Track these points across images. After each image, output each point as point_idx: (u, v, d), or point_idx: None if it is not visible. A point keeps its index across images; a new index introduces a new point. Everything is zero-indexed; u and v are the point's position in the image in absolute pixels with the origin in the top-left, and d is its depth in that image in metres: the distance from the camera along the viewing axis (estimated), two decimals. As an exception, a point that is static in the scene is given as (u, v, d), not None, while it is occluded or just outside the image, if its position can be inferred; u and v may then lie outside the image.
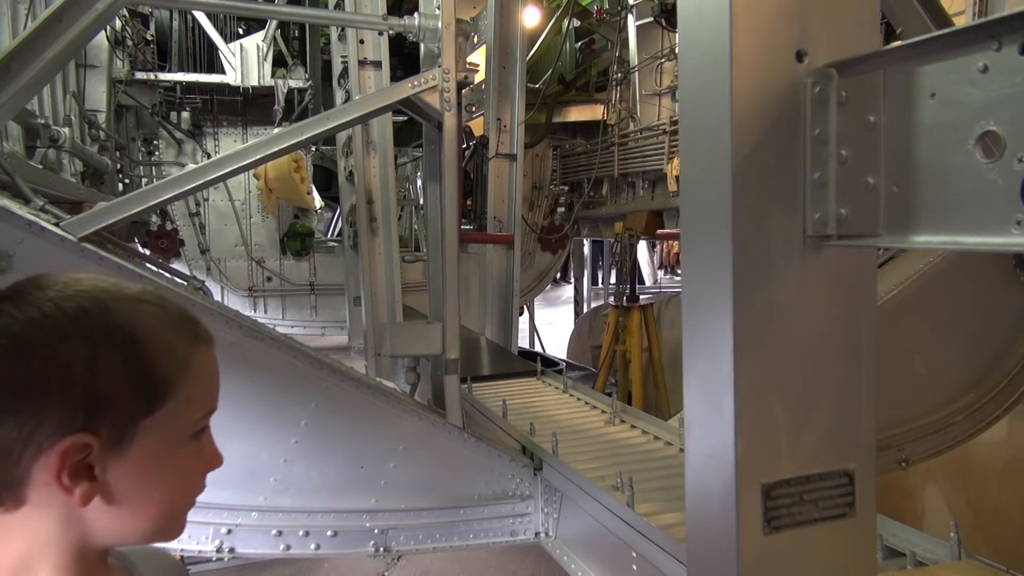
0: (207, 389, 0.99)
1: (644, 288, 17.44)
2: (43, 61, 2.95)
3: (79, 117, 7.13)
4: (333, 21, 6.38)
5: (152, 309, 0.94)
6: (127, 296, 0.93)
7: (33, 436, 0.85)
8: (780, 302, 1.44)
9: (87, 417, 0.86)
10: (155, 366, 0.91)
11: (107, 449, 0.89)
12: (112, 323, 0.89)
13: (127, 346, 0.89)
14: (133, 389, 0.89)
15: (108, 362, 0.87)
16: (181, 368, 0.94)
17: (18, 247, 2.83)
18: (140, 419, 0.90)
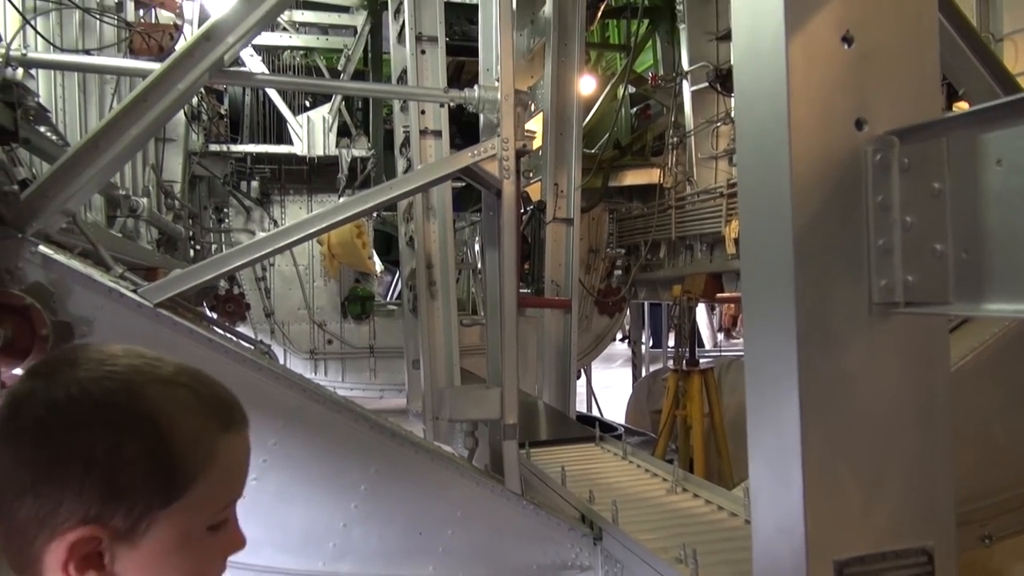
0: (232, 479, 0.95)
1: (704, 352, 17.14)
2: (128, 138, 3.14)
3: (156, 188, 7.52)
4: (396, 95, 6.62)
5: (183, 393, 0.91)
6: (159, 378, 0.91)
7: (47, 520, 0.82)
8: (847, 370, 1.41)
9: (102, 507, 0.83)
10: (177, 458, 0.87)
11: (118, 539, 0.85)
12: (138, 411, 0.86)
13: (151, 436, 0.86)
14: (152, 481, 0.85)
15: (130, 452, 0.84)
16: (205, 459, 0.89)
17: (99, 313, 2.97)
18: (156, 511, 0.86)
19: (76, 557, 0.83)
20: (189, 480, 0.87)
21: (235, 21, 3.23)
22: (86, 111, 5.56)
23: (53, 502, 0.82)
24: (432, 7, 5.77)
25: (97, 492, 0.82)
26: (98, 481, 0.83)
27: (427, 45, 5.80)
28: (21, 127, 3.33)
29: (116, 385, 0.87)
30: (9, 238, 2.92)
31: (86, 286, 2.97)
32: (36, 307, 2.86)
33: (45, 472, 0.82)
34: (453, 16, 9.18)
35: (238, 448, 0.95)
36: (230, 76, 3.74)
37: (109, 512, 0.83)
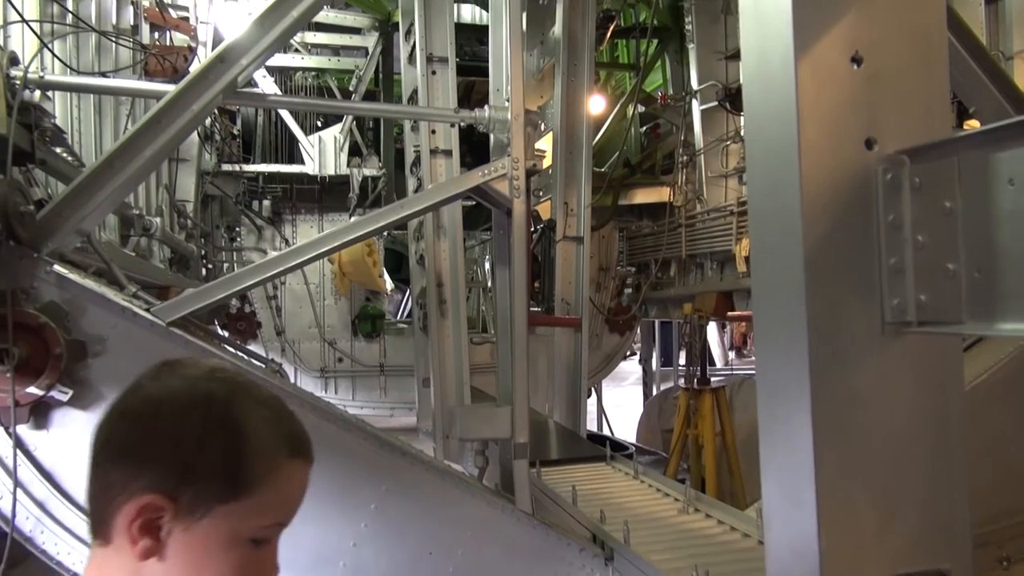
0: (285, 501, 1.04)
1: (715, 370, 17.04)
2: (143, 159, 3.18)
3: (169, 207, 7.58)
4: (408, 115, 6.68)
5: (268, 414, 1.04)
6: (253, 395, 1.04)
7: (130, 483, 0.97)
8: (860, 390, 1.40)
9: (176, 483, 0.96)
10: (247, 463, 0.99)
11: (178, 518, 0.97)
12: (228, 414, 1.00)
13: (231, 438, 0.99)
14: (221, 475, 0.98)
15: (211, 446, 0.98)
16: (269, 473, 1.01)
17: (112, 331, 2.99)
18: (217, 503, 0.98)
19: (141, 519, 0.96)
20: (251, 486, 1.00)
21: (249, 44, 3.28)
22: (101, 132, 5.63)
23: (140, 469, 0.97)
24: (443, 28, 5.83)
25: (177, 470, 0.97)
26: (180, 461, 0.97)
27: (438, 66, 5.85)
28: (38, 148, 3.38)
29: (218, 389, 1.02)
30: (25, 258, 2.95)
31: (100, 305, 3.00)
32: (50, 326, 2.88)
33: (142, 443, 0.98)
34: (463, 37, 9.27)
35: (297, 476, 1.06)
36: (243, 97, 3.78)
37: (180, 490, 0.97)
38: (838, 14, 1.44)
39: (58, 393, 2.91)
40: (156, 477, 0.96)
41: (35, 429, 2.95)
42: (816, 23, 1.43)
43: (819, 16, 1.44)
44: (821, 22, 1.44)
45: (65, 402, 2.94)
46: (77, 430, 2.97)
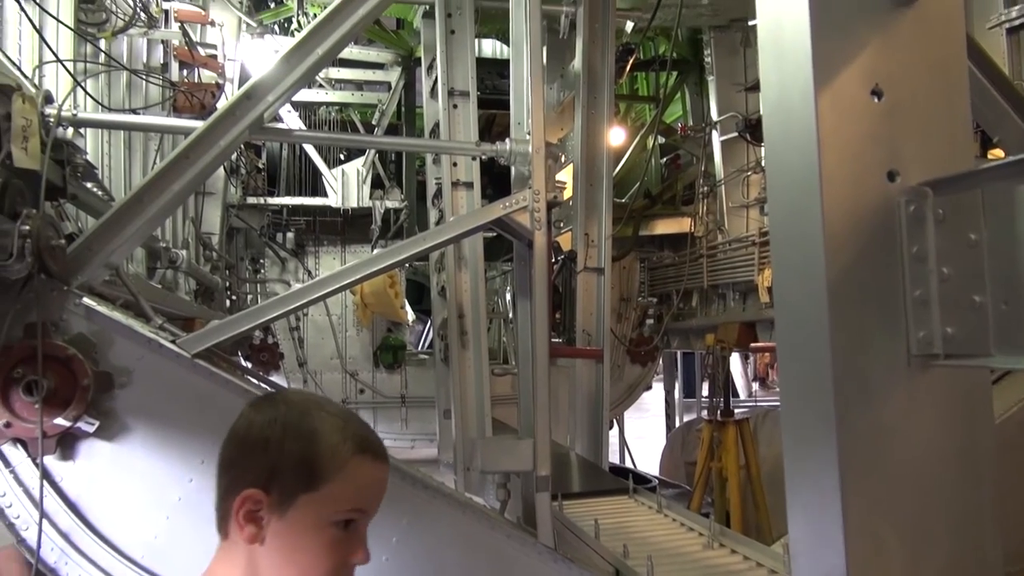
0: (358, 489, 1.28)
1: (738, 402, 16.84)
2: (171, 194, 3.25)
3: (195, 239, 7.70)
4: (430, 149, 6.76)
5: (336, 422, 1.29)
6: (325, 409, 1.31)
7: (239, 481, 1.26)
8: (887, 424, 1.38)
9: (267, 480, 1.24)
10: (319, 460, 1.24)
11: (272, 508, 1.24)
12: (304, 423, 1.27)
13: (305, 442, 1.25)
14: (300, 470, 1.24)
15: (290, 447, 1.25)
16: (338, 466, 1.25)
17: (138, 363, 3.03)
18: (299, 493, 1.24)
19: (244, 509, 1.25)
20: (324, 478, 1.24)
21: (275, 80, 3.35)
22: (131, 167, 5.76)
23: (243, 473, 1.26)
24: (464, 63, 5.93)
25: (267, 470, 1.25)
26: (268, 463, 1.25)
27: (459, 99, 5.94)
28: (70, 183, 3.45)
29: (295, 405, 1.31)
30: (55, 290, 3.01)
31: (127, 337, 3.04)
32: (79, 357, 2.93)
33: (242, 454, 1.29)
34: (484, 71, 9.39)
35: (367, 469, 1.29)
36: (269, 133, 3.85)
37: (271, 485, 1.24)
38: (858, 47, 1.45)
39: (85, 424, 2.94)
40: (253, 477, 1.24)
41: (61, 460, 2.98)
42: (835, 56, 1.44)
43: (838, 49, 1.45)
44: (840, 55, 1.45)
45: (91, 433, 2.97)
46: (103, 461, 2.99)
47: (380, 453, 1.32)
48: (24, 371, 2.87)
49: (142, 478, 3.02)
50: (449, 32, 5.91)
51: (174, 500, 3.00)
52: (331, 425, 1.28)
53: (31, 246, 2.78)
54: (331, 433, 1.26)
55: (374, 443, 1.31)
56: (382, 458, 1.32)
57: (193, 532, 2.99)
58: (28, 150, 2.93)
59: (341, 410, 1.34)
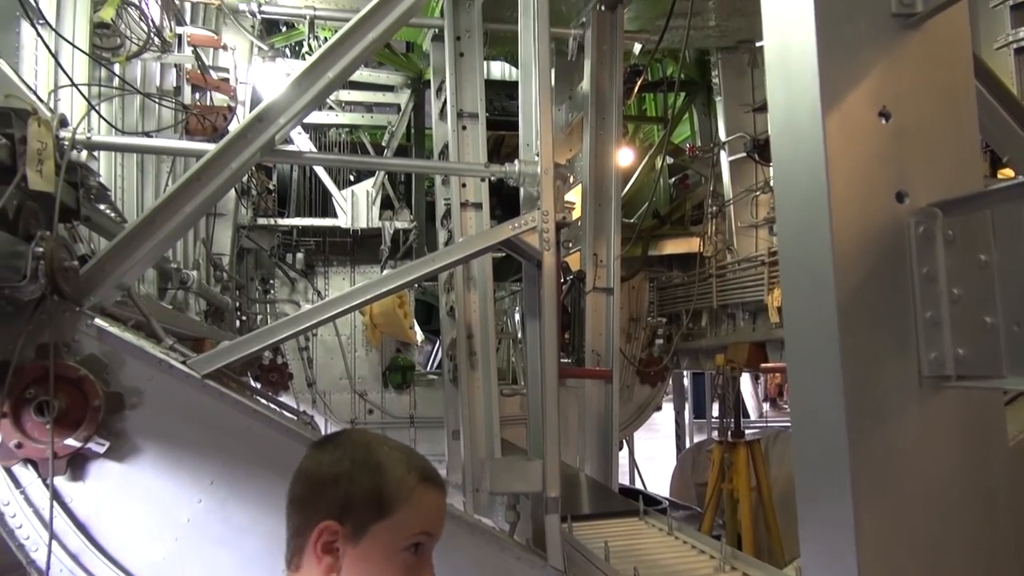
0: (424, 514, 1.36)
1: (749, 422, 16.72)
2: (183, 215, 3.28)
3: (206, 260, 7.74)
4: (439, 171, 6.79)
5: (399, 455, 1.38)
6: (387, 444, 1.41)
7: (313, 515, 1.32)
8: (900, 446, 1.37)
9: (341, 512, 1.31)
10: (388, 490, 1.32)
11: (347, 539, 1.31)
12: (371, 458, 1.35)
13: (374, 473, 1.33)
14: (371, 501, 1.31)
15: (360, 481, 1.32)
16: (405, 495, 1.33)
17: (149, 384, 3.05)
18: (372, 523, 1.31)
19: (322, 541, 1.31)
20: (394, 506, 1.32)
21: (286, 103, 3.39)
22: (143, 188, 5.81)
23: (316, 507, 1.33)
24: (473, 85, 5.98)
25: (340, 503, 1.32)
26: (342, 496, 1.32)
27: (468, 121, 5.98)
28: (83, 205, 3.49)
29: (359, 441, 1.41)
30: (68, 311, 3.03)
31: (138, 357, 3.06)
32: (90, 378, 2.94)
33: (314, 490, 1.35)
34: (493, 93, 9.46)
35: (430, 496, 1.38)
36: (280, 155, 3.89)
37: (345, 517, 1.31)
38: (865, 69, 1.46)
39: (95, 445, 2.95)
40: (327, 511, 1.31)
41: (71, 481, 2.99)
42: (843, 78, 1.45)
43: (845, 71, 1.45)
44: (848, 77, 1.45)
45: (101, 454, 2.98)
46: (112, 482, 3.00)
47: (439, 482, 1.41)
48: (36, 392, 2.88)
49: (151, 499, 3.02)
50: (458, 55, 5.97)
51: (183, 521, 3.00)
52: (395, 458, 1.37)
53: (44, 267, 2.80)
54: (396, 465, 1.36)
55: (434, 473, 1.41)
56: (441, 486, 1.41)
57: (201, 553, 2.99)
58: (43, 173, 2.96)
59: (401, 445, 1.43)
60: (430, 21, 6.73)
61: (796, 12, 1.49)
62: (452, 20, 6.05)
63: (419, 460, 1.42)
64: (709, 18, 7.80)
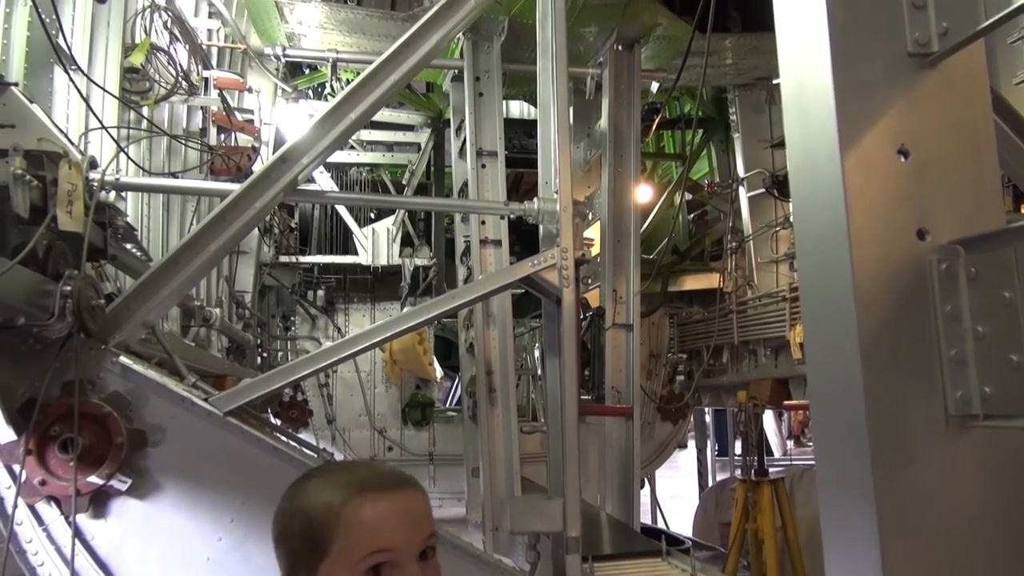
0: (368, 532, 1.19)
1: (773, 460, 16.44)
2: (207, 254, 3.34)
3: (229, 298, 7.83)
4: (459, 209, 6.86)
5: (327, 479, 1.26)
6: (319, 474, 1.29)
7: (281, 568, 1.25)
8: (928, 486, 1.35)
9: (292, 565, 1.23)
10: (315, 525, 1.20)
11: None
12: (296, 500, 1.24)
13: (300, 515, 1.22)
14: (307, 546, 1.20)
15: (292, 530, 1.22)
16: (333, 522, 1.19)
17: (171, 421, 3.07)
18: (317, 565, 1.19)
19: None
20: (327, 541, 1.19)
21: (309, 144, 3.45)
22: (168, 227, 5.92)
23: (280, 559, 1.25)
24: (492, 124, 6.06)
25: (287, 561, 1.24)
26: (287, 553, 1.24)
27: (487, 159, 6.06)
28: (110, 245, 3.56)
29: (292, 487, 1.29)
30: (93, 349, 3.07)
31: (161, 395, 3.09)
32: (114, 416, 2.97)
33: (275, 547, 1.26)
34: (512, 131, 9.57)
35: (370, 508, 1.21)
36: (302, 194, 3.96)
37: (296, 569, 1.23)
38: (882, 108, 1.47)
39: (117, 482, 2.97)
40: (285, 563, 1.24)
41: (93, 518, 3.00)
42: (860, 116, 1.46)
43: (863, 110, 1.46)
44: (865, 115, 1.46)
45: (123, 491, 2.99)
46: (134, 520, 3.01)
47: (388, 485, 1.24)
48: (60, 429, 2.92)
49: (172, 537, 3.03)
50: (478, 95, 6.07)
51: (203, 560, 3.00)
52: (319, 486, 1.24)
53: (72, 306, 2.85)
54: (320, 493, 1.23)
55: (374, 479, 1.24)
56: (392, 488, 1.24)
57: (221, 593, 2.97)
58: (72, 213, 3.03)
59: (343, 466, 1.33)
60: (450, 62, 6.85)
61: (812, 52, 1.51)
62: (471, 61, 6.17)
63: (354, 474, 1.26)
64: (726, 56, 7.87)
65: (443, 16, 3.66)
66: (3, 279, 2.42)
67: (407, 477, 1.28)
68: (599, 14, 6.46)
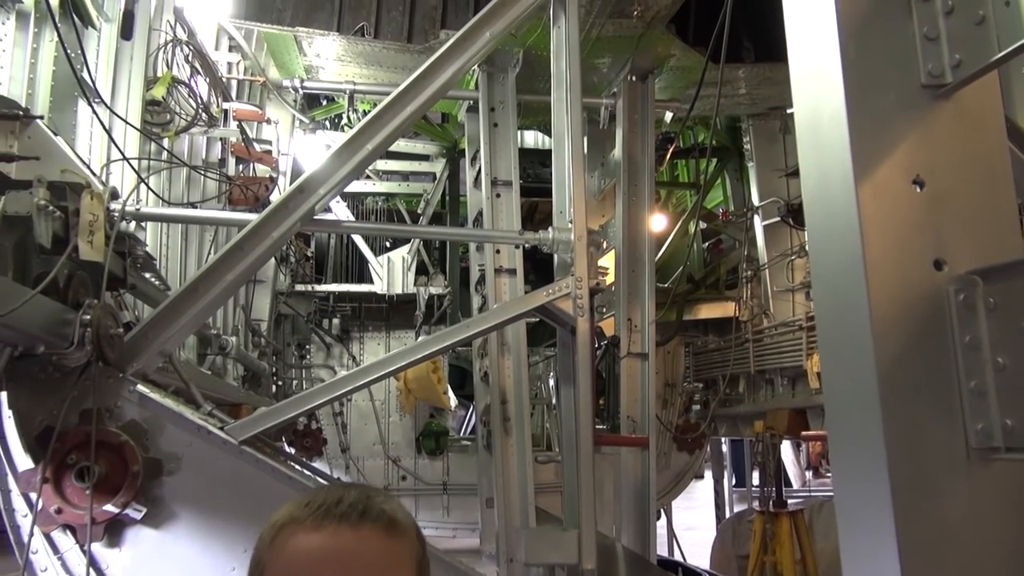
0: (287, 566, 1.05)
1: (792, 491, 16.21)
2: (224, 283, 3.37)
3: (245, 326, 7.87)
4: (474, 238, 6.88)
5: (286, 505, 1.12)
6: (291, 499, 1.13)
7: None
8: (950, 519, 1.33)
9: None
10: (254, 558, 1.09)
11: None
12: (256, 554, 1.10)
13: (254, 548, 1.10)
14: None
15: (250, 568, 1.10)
16: (264, 553, 1.07)
17: (187, 450, 3.08)
18: None
19: None
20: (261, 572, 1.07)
21: (326, 175, 3.49)
22: (186, 256, 5.98)
23: None
24: (507, 154, 6.11)
25: None
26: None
27: (502, 189, 6.09)
28: (130, 274, 3.60)
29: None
30: (111, 377, 3.10)
31: (177, 423, 3.10)
32: (130, 444, 2.98)
33: None
34: (526, 160, 9.62)
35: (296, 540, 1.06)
36: (319, 224, 4.00)
37: None
38: (896, 139, 1.47)
39: (133, 511, 2.97)
40: None
41: (108, 547, 3.00)
42: (874, 148, 1.46)
43: (877, 141, 1.47)
44: (880, 146, 1.47)
45: (139, 520, 2.99)
46: (148, 548, 3.01)
47: (329, 514, 1.06)
48: (77, 457, 2.93)
49: (185, 566, 3.02)
50: (492, 125, 6.12)
51: (216, 590, 2.98)
52: (274, 514, 1.12)
53: (91, 335, 2.88)
54: (267, 523, 1.11)
55: (314, 508, 1.07)
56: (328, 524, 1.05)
57: (234, 624, 2.95)
58: (93, 243, 3.07)
59: (311, 493, 1.13)
60: (465, 93, 6.93)
61: (825, 83, 1.52)
62: (487, 92, 6.23)
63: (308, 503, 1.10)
64: (739, 86, 7.90)
65: (459, 49, 3.71)
66: (25, 308, 2.46)
67: (365, 511, 1.07)
68: (613, 46, 6.52)
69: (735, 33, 6.02)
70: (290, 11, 7.41)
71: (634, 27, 6.18)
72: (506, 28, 3.84)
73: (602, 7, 5.74)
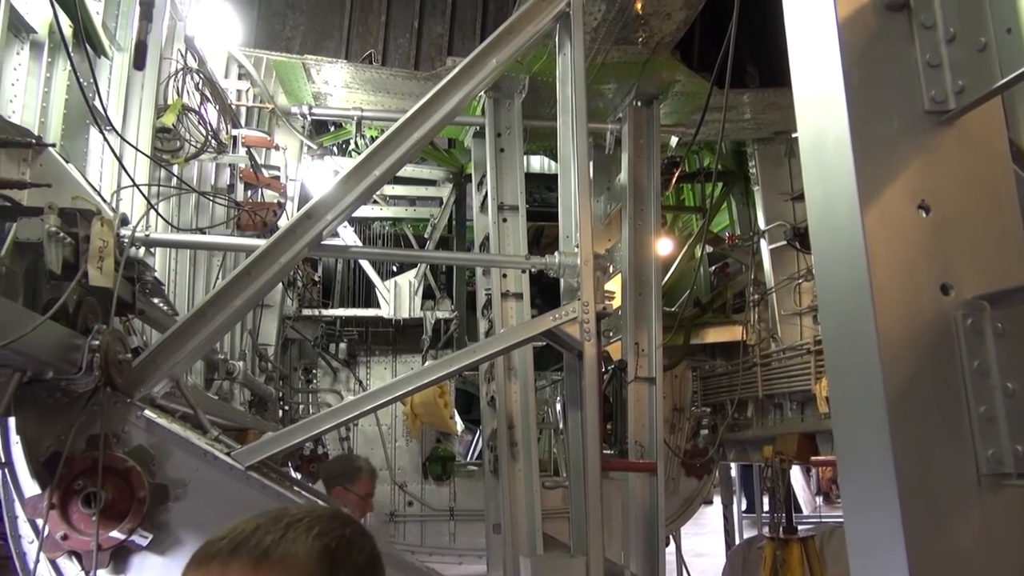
0: None
1: (802, 517, 16.02)
2: (232, 308, 3.38)
3: (252, 351, 7.89)
4: (480, 263, 6.90)
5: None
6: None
7: None
8: (962, 547, 1.31)
9: None
10: None
11: None
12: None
13: None
14: None
15: None
16: None
17: (194, 475, 3.08)
18: None
19: None
20: None
21: (334, 200, 3.52)
22: (195, 281, 6.01)
23: None
24: (513, 179, 6.15)
25: None
26: None
27: (508, 213, 6.12)
28: (138, 299, 3.63)
29: None
30: (119, 402, 3.10)
31: (184, 449, 3.10)
32: (137, 470, 2.98)
33: None
34: (533, 185, 9.67)
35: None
36: (327, 250, 4.03)
37: None
38: (901, 164, 1.48)
39: (139, 538, 2.96)
40: None
41: (113, 574, 2.99)
42: (879, 173, 1.47)
43: (882, 166, 1.47)
44: (884, 172, 1.47)
45: (144, 547, 2.98)
46: None
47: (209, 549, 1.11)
48: (84, 483, 2.93)
49: (191, 594, 3.00)
50: (499, 150, 6.17)
51: (221, 618, 2.96)
52: None
53: (99, 360, 2.90)
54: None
55: (209, 543, 1.13)
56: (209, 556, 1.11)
57: (239, 653, 2.92)
58: (103, 269, 3.10)
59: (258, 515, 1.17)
60: (471, 119, 6.99)
61: (829, 109, 1.53)
62: (493, 118, 6.29)
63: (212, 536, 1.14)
64: (744, 111, 7.95)
65: (465, 76, 3.76)
66: (34, 334, 2.47)
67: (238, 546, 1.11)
68: (618, 72, 6.58)
69: (739, 59, 6.07)
70: (299, 39, 7.51)
71: (639, 53, 6.24)
72: (512, 55, 3.89)
73: (607, 34, 5.80)
